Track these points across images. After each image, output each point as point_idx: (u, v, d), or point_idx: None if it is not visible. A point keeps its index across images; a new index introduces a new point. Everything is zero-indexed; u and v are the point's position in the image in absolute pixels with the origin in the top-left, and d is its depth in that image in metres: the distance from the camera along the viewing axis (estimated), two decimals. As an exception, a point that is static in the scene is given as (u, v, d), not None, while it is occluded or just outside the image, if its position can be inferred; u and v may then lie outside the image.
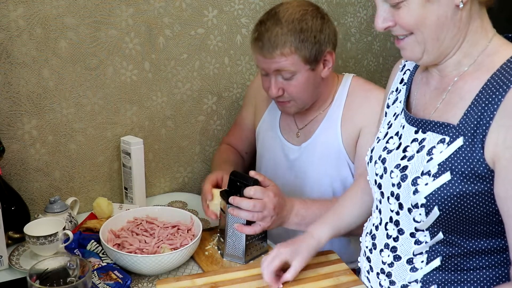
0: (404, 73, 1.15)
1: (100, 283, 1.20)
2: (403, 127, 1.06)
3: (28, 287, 0.99)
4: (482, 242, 0.98)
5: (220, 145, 1.80)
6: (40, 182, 1.56)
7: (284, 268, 1.20)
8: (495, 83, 0.91)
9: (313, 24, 1.38)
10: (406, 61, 1.16)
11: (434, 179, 0.94)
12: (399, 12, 0.94)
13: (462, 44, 0.97)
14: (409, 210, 0.99)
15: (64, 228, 1.31)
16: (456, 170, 0.93)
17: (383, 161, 1.07)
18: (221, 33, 1.79)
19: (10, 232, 1.38)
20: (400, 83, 1.15)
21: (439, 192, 0.94)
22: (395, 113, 1.12)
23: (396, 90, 1.15)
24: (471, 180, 0.92)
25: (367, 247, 1.15)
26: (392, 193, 1.03)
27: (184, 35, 1.71)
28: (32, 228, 1.29)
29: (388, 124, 1.13)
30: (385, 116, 1.17)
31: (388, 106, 1.16)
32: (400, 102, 1.11)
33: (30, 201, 1.54)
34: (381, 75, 2.29)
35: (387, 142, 1.09)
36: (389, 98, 1.17)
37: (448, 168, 0.93)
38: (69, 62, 1.52)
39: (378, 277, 1.10)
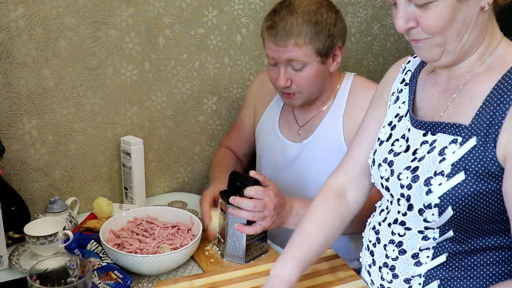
0: (405, 74, 1.15)
1: (100, 283, 1.20)
2: (409, 130, 1.05)
3: (28, 287, 0.99)
4: (489, 240, 0.98)
5: (219, 147, 1.80)
6: (40, 182, 1.56)
7: None
8: (506, 83, 0.92)
9: (328, 17, 1.39)
10: (407, 63, 1.16)
11: (448, 179, 0.94)
12: (427, 12, 0.90)
13: (480, 46, 0.97)
14: (420, 211, 0.99)
15: (64, 228, 1.31)
16: (470, 169, 0.93)
17: (390, 164, 1.06)
18: (221, 33, 1.79)
19: (10, 232, 1.38)
20: (401, 83, 1.14)
21: (453, 192, 0.94)
22: (398, 114, 1.11)
23: (397, 91, 1.15)
24: (485, 179, 0.93)
25: (370, 241, 1.14)
26: (402, 195, 1.03)
27: (184, 35, 1.71)
28: (32, 228, 1.29)
29: (389, 125, 1.12)
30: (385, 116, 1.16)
31: (388, 107, 1.16)
32: (403, 103, 1.11)
33: (30, 201, 1.54)
34: (381, 75, 2.25)
35: (392, 144, 1.08)
36: (390, 100, 1.16)
37: (462, 168, 0.94)
38: (69, 62, 1.52)
39: (380, 271, 1.10)
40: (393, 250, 1.07)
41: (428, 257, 1.02)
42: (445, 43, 0.94)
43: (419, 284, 1.03)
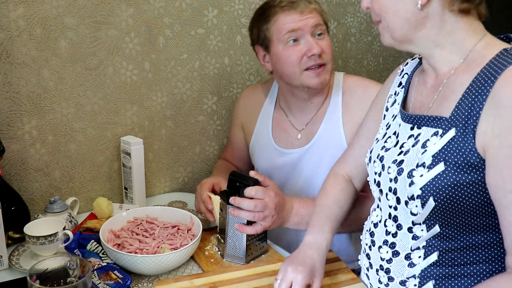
0: (402, 77, 1.19)
1: (100, 283, 1.20)
2: (400, 125, 1.09)
3: (28, 287, 0.99)
4: (479, 237, 0.99)
5: (219, 160, 1.80)
6: (40, 182, 1.56)
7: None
8: (484, 76, 0.94)
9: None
10: (405, 65, 1.20)
11: (428, 170, 0.97)
12: None
13: (442, 42, 1.01)
14: (406, 203, 1.01)
15: (64, 228, 1.31)
16: (450, 160, 0.95)
17: (381, 159, 1.10)
18: (221, 33, 1.79)
19: (10, 232, 1.38)
20: (399, 86, 1.18)
21: (433, 182, 0.96)
22: (393, 115, 1.15)
23: (395, 93, 1.18)
24: (464, 169, 0.94)
25: (366, 244, 1.16)
26: (390, 189, 1.05)
27: (184, 35, 1.71)
28: (32, 228, 1.29)
29: (386, 126, 1.16)
30: (384, 118, 1.20)
31: (387, 109, 1.19)
32: (398, 104, 1.14)
33: (30, 201, 1.54)
34: (381, 75, 2.29)
35: (385, 141, 1.12)
36: (388, 102, 1.20)
37: (441, 159, 0.96)
38: (69, 62, 1.52)
39: (377, 274, 1.12)
40: (387, 252, 1.08)
41: (420, 257, 1.04)
42: (390, 30, 1.03)
43: (415, 285, 1.04)
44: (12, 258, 1.32)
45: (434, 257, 1.02)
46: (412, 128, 1.05)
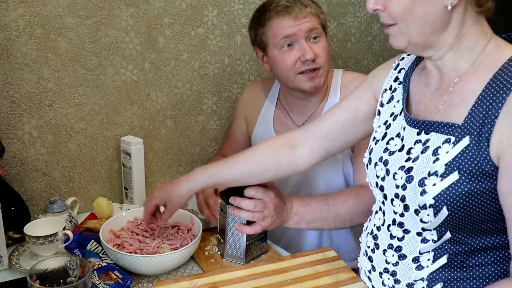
0: (399, 71, 1.14)
1: (100, 283, 1.20)
2: (404, 128, 1.06)
3: (28, 287, 0.99)
4: (488, 239, 0.98)
5: (216, 156, 1.80)
6: (40, 182, 1.56)
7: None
8: (498, 82, 0.92)
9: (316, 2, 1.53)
10: (401, 60, 1.16)
11: (442, 179, 0.95)
12: None
13: (455, 45, 0.98)
14: (416, 211, 0.99)
15: (64, 228, 1.31)
16: (464, 169, 0.93)
17: (385, 163, 1.06)
18: (221, 33, 1.79)
19: (10, 232, 1.38)
20: (395, 81, 1.14)
21: (447, 192, 0.94)
22: (393, 113, 1.11)
23: (390, 88, 1.14)
24: (479, 178, 0.93)
25: (368, 246, 1.14)
26: (396, 195, 1.02)
27: (184, 35, 1.71)
28: (32, 228, 1.29)
29: (385, 124, 1.12)
30: (379, 114, 1.15)
31: (382, 105, 1.15)
32: (397, 102, 1.11)
33: (30, 201, 1.54)
34: (381, 75, 2.29)
35: (387, 143, 1.08)
36: (382, 97, 1.16)
37: (455, 168, 0.94)
38: (69, 62, 1.52)
39: (381, 276, 1.10)
40: (393, 256, 1.07)
41: (429, 260, 1.02)
42: (409, 33, 0.97)
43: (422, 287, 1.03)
44: (12, 258, 1.32)
45: (443, 260, 1.01)
46: (419, 133, 1.01)
